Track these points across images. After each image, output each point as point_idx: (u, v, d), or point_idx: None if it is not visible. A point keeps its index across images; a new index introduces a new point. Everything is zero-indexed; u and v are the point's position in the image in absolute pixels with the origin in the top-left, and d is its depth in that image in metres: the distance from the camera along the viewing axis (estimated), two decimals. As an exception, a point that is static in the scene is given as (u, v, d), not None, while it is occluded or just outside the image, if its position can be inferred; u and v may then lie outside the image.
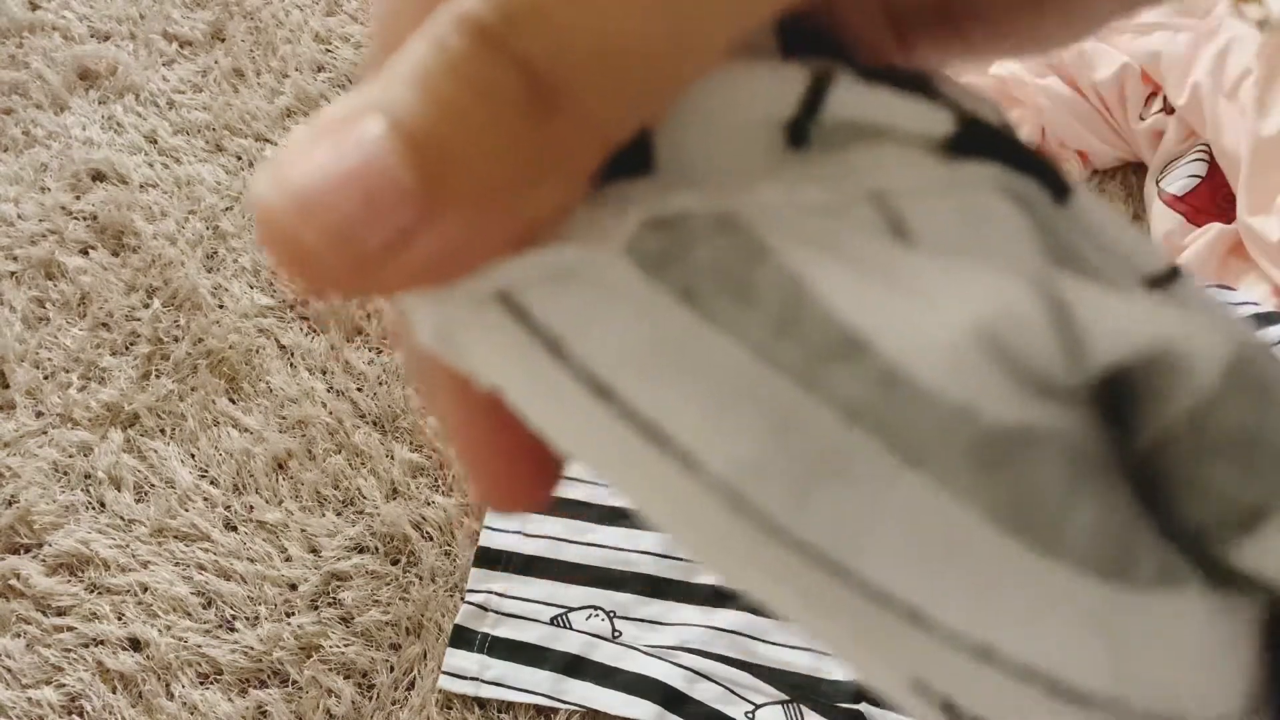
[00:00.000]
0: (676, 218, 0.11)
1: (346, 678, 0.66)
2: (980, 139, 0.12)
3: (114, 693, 0.66)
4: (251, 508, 0.72)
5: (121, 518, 0.72)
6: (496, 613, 0.67)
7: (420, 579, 0.69)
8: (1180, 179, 0.80)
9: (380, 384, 0.76)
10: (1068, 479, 0.11)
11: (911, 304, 0.11)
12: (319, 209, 0.10)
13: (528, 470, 0.13)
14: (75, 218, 0.85)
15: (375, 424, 0.74)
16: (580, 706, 0.64)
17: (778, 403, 0.11)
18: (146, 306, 0.81)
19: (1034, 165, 0.12)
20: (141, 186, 0.86)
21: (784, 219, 0.11)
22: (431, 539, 0.70)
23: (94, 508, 0.73)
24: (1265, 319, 0.68)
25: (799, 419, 0.11)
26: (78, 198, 0.86)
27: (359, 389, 0.76)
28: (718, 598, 0.66)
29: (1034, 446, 0.11)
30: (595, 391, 0.11)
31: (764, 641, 0.65)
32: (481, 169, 0.10)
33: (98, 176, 0.87)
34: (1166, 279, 0.13)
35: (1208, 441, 0.11)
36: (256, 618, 0.68)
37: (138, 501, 0.73)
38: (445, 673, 0.66)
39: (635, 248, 0.11)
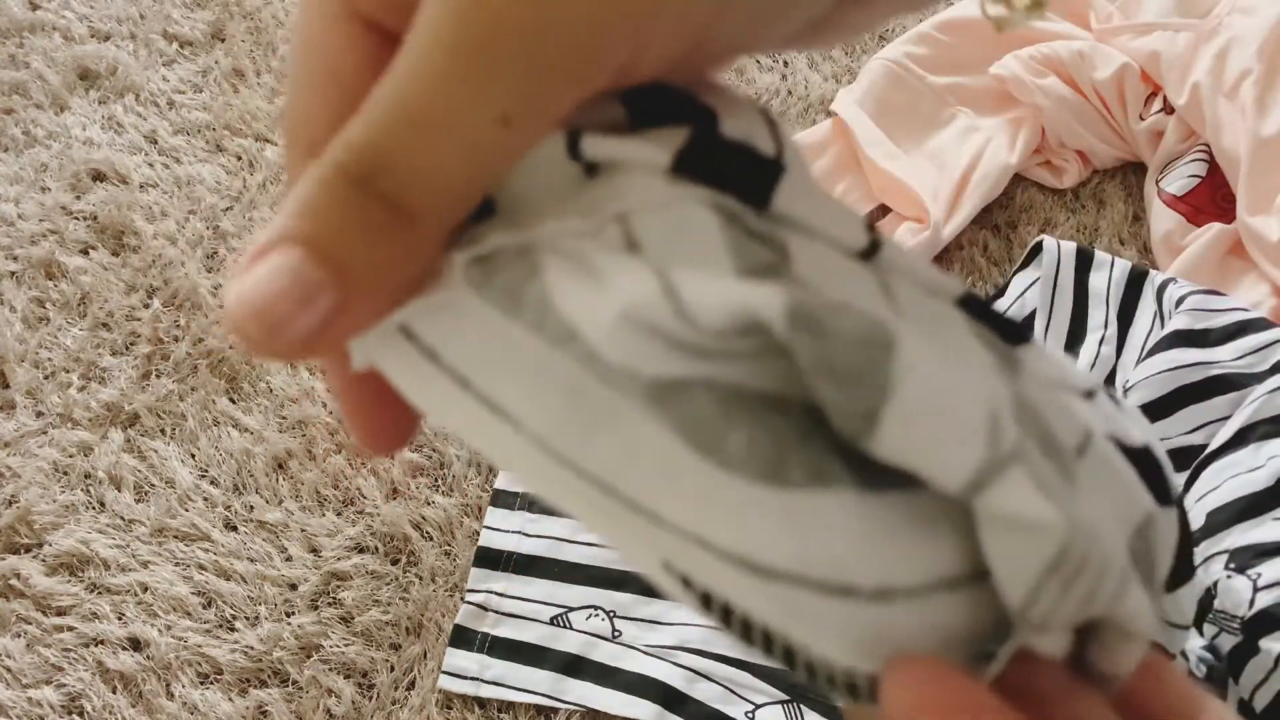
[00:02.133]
0: (492, 252, 0.16)
1: (346, 678, 0.66)
2: (696, 159, 0.16)
3: (114, 693, 0.66)
4: (251, 508, 0.72)
5: (121, 518, 0.72)
6: (496, 613, 0.67)
7: (420, 579, 0.69)
8: (1180, 179, 0.80)
9: (380, 384, 0.76)
10: (721, 409, 0.15)
11: (601, 299, 0.15)
12: (265, 315, 0.15)
13: (390, 425, 0.18)
14: (75, 218, 0.85)
15: (375, 424, 0.74)
16: (580, 706, 0.64)
17: (566, 376, 0.15)
18: (146, 306, 0.81)
19: (742, 174, 0.16)
20: (141, 186, 0.86)
21: (559, 243, 0.16)
22: (431, 539, 0.70)
23: (94, 508, 0.73)
24: (1253, 325, 0.68)
25: (581, 386, 0.15)
26: (78, 198, 0.86)
27: (359, 389, 0.75)
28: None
29: (686, 389, 0.15)
30: (459, 383, 0.16)
31: (764, 641, 0.65)
32: (366, 265, 0.15)
33: (98, 176, 0.87)
34: (870, 251, 0.17)
35: (810, 376, 0.15)
36: (256, 618, 0.68)
37: (138, 501, 0.73)
38: (445, 672, 0.66)
39: (469, 277, 0.16)
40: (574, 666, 0.65)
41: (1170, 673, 0.18)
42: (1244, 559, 0.57)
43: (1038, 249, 0.77)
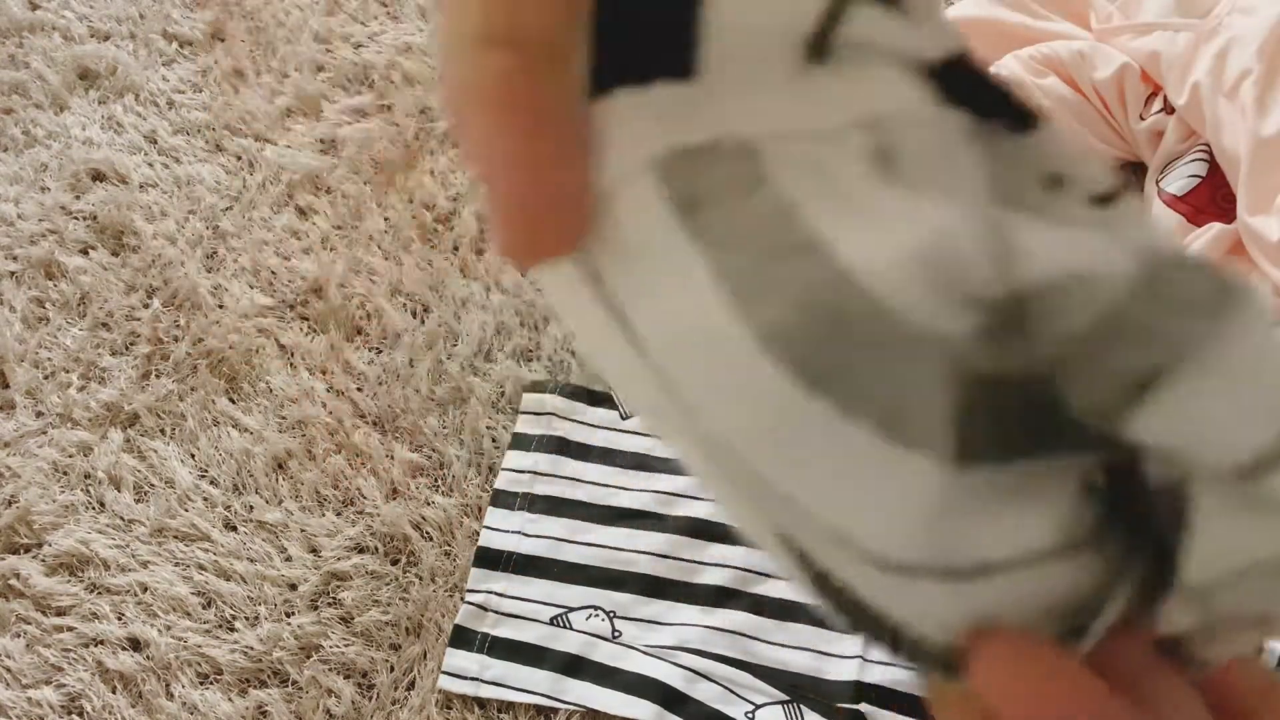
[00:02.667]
0: (701, 145, 0.14)
1: (346, 678, 0.66)
2: (960, 78, 0.14)
3: (114, 693, 0.66)
4: (251, 508, 0.72)
5: (121, 518, 0.72)
6: (496, 613, 0.67)
7: (420, 579, 0.69)
8: (1180, 179, 0.80)
9: (380, 384, 0.76)
10: (956, 385, 0.13)
11: (870, 225, 0.13)
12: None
13: (563, 215, 0.15)
14: (75, 218, 0.85)
15: (375, 424, 0.74)
16: (580, 706, 0.64)
17: (714, 313, 0.13)
18: (146, 306, 0.81)
19: (1001, 105, 0.14)
20: (141, 186, 0.86)
21: (785, 147, 0.13)
22: (431, 539, 0.70)
23: (94, 508, 0.73)
24: None
25: (726, 332, 0.13)
26: (77, 198, 0.86)
27: (359, 389, 0.76)
28: (718, 598, 0.66)
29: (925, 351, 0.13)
30: (592, 277, 0.15)
31: (764, 641, 0.65)
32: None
33: (98, 176, 0.87)
34: (1109, 198, 0.15)
35: (1109, 335, 0.13)
36: (256, 618, 0.68)
37: (138, 501, 0.73)
38: (445, 673, 0.66)
39: (658, 165, 0.14)
40: (574, 666, 0.65)
41: (1250, 659, 0.17)
42: None
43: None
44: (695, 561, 0.67)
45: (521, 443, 0.72)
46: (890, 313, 0.13)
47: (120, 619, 0.69)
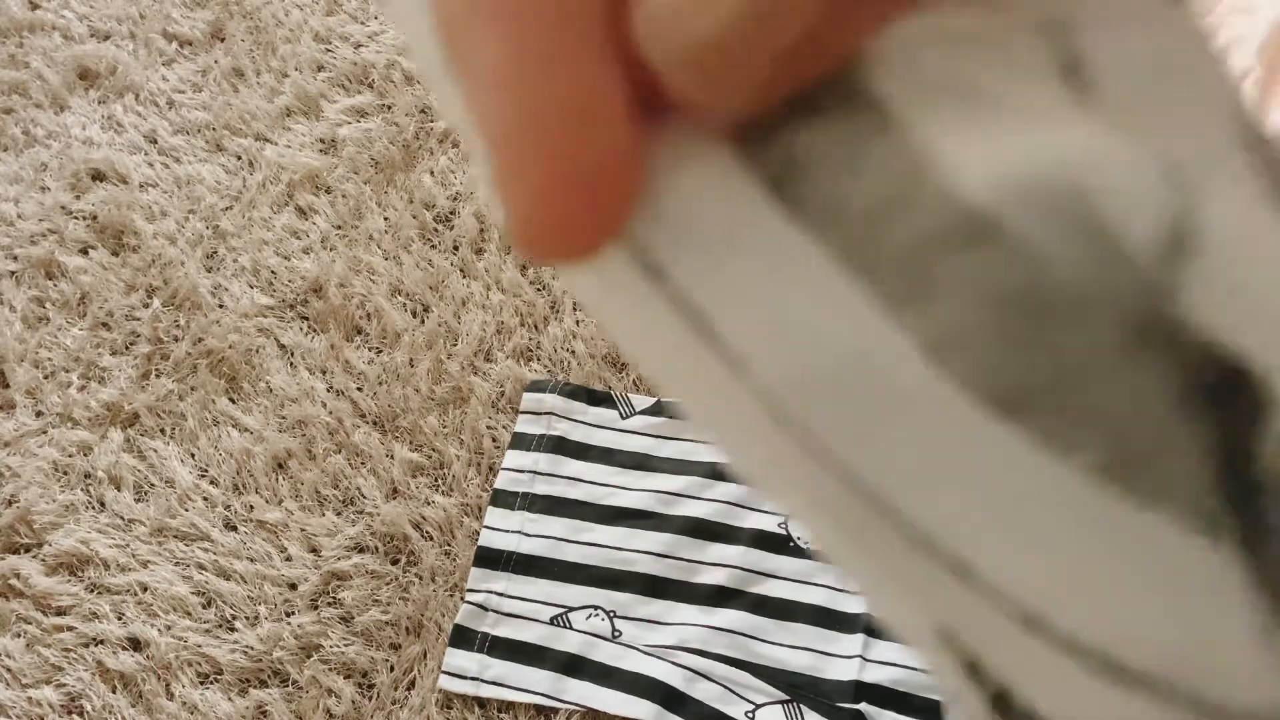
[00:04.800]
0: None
1: (346, 677, 0.66)
2: None
3: (114, 692, 0.66)
4: (251, 507, 0.72)
5: (121, 517, 0.72)
6: (496, 612, 0.67)
7: (420, 579, 0.69)
8: (1180, 179, 0.80)
9: (380, 384, 0.76)
10: (1162, 409, 0.09)
11: (990, 145, 0.09)
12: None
13: (606, 179, 0.10)
14: (75, 217, 0.85)
15: (375, 424, 0.74)
16: (580, 706, 0.64)
17: (850, 318, 0.10)
18: (146, 306, 0.81)
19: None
20: (141, 186, 0.86)
21: (927, 71, 0.09)
22: (431, 539, 0.70)
23: (94, 507, 0.73)
24: None
25: (873, 344, 0.10)
26: (78, 197, 0.86)
27: (359, 389, 0.76)
28: (718, 597, 0.66)
29: (1087, 315, 0.09)
30: (651, 271, 0.10)
31: (764, 641, 0.65)
32: None
33: (98, 176, 0.87)
34: None
35: None
36: (256, 617, 0.68)
37: (138, 501, 0.73)
38: (445, 672, 0.66)
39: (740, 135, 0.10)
40: (574, 666, 0.65)
41: None
42: None
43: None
44: (695, 561, 0.67)
45: (521, 442, 0.72)
46: (1095, 301, 0.09)
47: (120, 619, 0.69)
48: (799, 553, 0.67)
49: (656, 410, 0.72)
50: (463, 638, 0.67)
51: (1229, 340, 0.09)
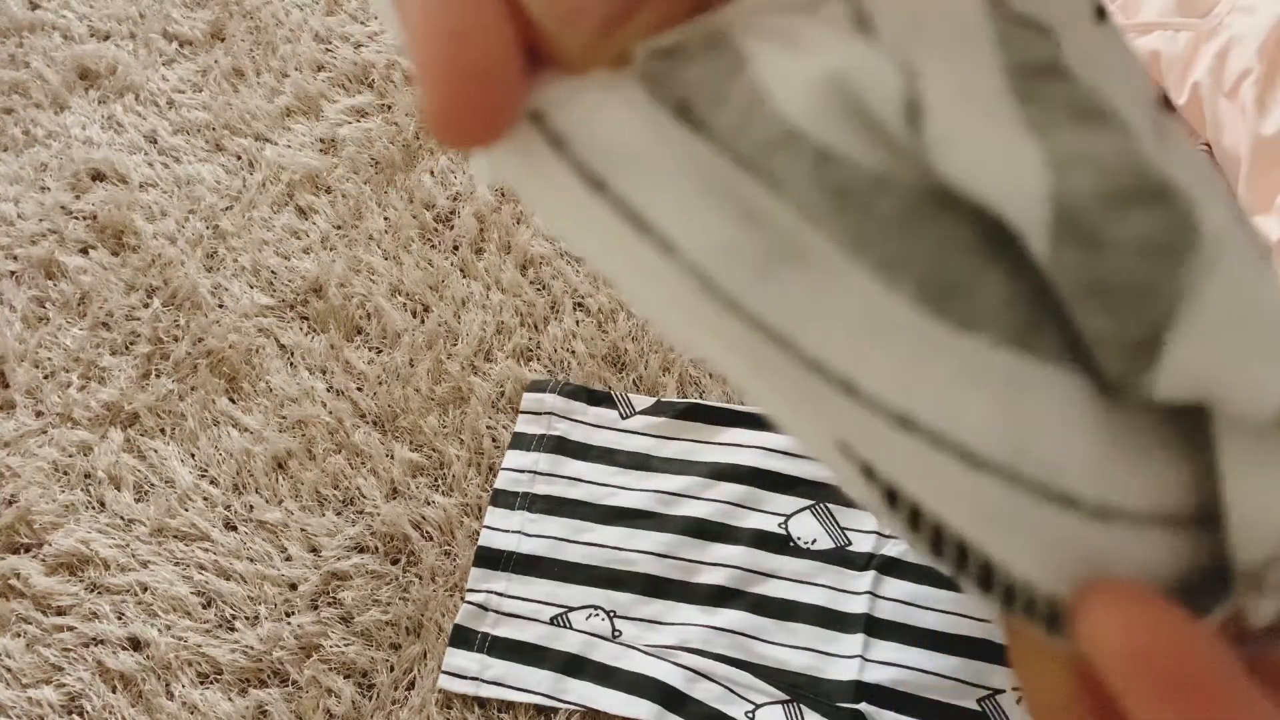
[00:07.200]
0: (676, 44, 0.13)
1: (346, 677, 0.66)
2: None
3: (114, 692, 0.66)
4: (251, 507, 0.72)
5: (121, 517, 0.72)
6: (496, 612, 0.67)
7: (420, 579, 0.69)
8: (1180, 179, 0.80)
9: (380, 384, 0.76)
10: (961, 248, 0.13)
11: (803, 63, 0.13)
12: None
13: (495, 80, 0.13)
14: (75, 217, 0.85)
15: (375, 424, 0.74)
16: (580, 706, 0.64)
17: (744, 197, 0.13)
18: (146, 306, 0.81)
19: None
20: (141, 186, 0.86)
21: (762, 26, 0.13)
22: (431, 539, 0.70)
23: (94, 507, 0.73)
24: None
25: (761, 211, 0.13)
26: (77, 197, 0.86)
27: (359, 389, 0.76)
28: (718, 597, 0.66)
29: (893, 192, 0.12)
30: (590, 182, 0.13)
31: (764, 641, 0.65)
32: None
33: (98, 176, 0.87)
34: (1101, 15, 0.14)
35: (1069, 293, 0.12)
36: (256, 617, 0.68)
37: (138, 501, 0.73)
38: (445, 672, 0.66)
39: (645, 72, 0.13)
40: (574, 666, 0.65)
41: None
42: None
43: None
44: (695, 561, 0.67)
45: (521, 442, 0.72)
46: (844, 159, 0.13)
47: (120, 619, 0.69)
48: (799, 553, 0.67)
49: (657, 410, 0.72)
50: (463, 638, 0.67)
51: (972, 186, 0.12)
